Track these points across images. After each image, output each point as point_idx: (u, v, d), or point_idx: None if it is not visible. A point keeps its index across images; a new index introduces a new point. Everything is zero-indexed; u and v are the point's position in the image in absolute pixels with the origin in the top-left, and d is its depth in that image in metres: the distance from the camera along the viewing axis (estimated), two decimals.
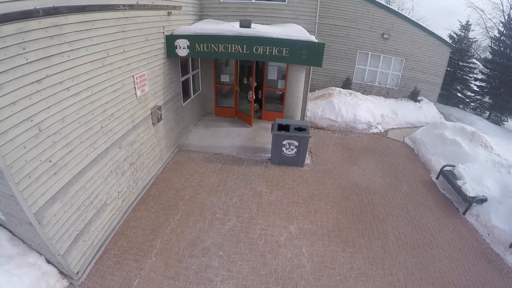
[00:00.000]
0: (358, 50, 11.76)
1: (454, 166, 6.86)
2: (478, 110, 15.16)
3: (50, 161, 3.38)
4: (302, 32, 6.85)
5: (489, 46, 16.60)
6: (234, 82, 8.56)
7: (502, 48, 14.31)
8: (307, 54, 6.14)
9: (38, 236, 3.44)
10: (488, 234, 5.45)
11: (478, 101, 15.22)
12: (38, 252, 3.84)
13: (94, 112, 4.04)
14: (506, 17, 14.97)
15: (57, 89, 3.35)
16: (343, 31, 11.35)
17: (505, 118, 14.47)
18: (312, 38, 6.38)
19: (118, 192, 4.88)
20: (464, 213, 5.97)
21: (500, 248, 5.13)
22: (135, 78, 4.96)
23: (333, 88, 10.93)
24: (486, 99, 14.96)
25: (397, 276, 4.41)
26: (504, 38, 14.30)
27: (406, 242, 5.08)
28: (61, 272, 3.94)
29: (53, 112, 3.34)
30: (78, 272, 4.00)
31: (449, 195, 6.53)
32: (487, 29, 18.64)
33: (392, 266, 4.59)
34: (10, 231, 3.89)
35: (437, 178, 7.12)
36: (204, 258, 4.43)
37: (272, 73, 8.47)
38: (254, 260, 4.49)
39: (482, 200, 5.86)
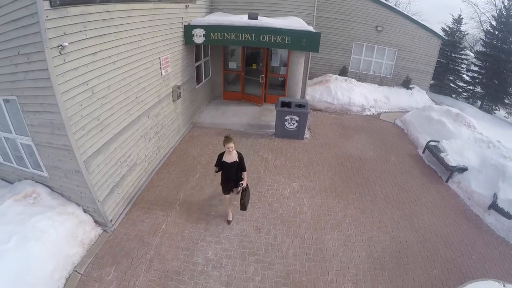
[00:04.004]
0: (354, 41, 12.47)
1: (438, 141, 7.51)
2: (470, 100, 15.73)
3: (98, 119, 4.18)
4: (302, 23, 7.71)
5: (481, 39, 17.25)
6: (241, 68, 9.40)
7: (494, 41, 14.84)
8: (306, 41, 7.07)
9: (83, 184, 4.07)
10: (469, 199, 6.06)
11: (470, 91, 15.82)
12: (76, 204, 4.40)
13: (131, 84, 4.90)
14: (498, 12, 15.60)
15: (106, 61, 4.19)
16: (339, 24, 12.06)
17: (497, 108, 15.02)
18: (310, 28, 7.25)
19: (146, 155, 5.72)
20: (446, 181, 6.63)
21: (479, 210, 5.74)
22: (161, 60, 5.84)
23: (330, 75, 11.68)
24: (478, 89, 15.52)
25: (384, 224, 5.17)
26: (496, 32, 14.86)
27: (392, 199, 5.83)
28: (96, 221, 4.50)
29: (103, 80, 4.18)
30: (112, 220, 4.65)
31: (433, 166, 7.23)
32: (481, 23, 19.26)
33: (380, 216, 5.34)
34: (49, 187, 4.46)
35: (423, 152, 7.82)
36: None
37: (275, 60, 9.33)
38: (263, 207, 5.32)
39: (463, 169, 6.47)
